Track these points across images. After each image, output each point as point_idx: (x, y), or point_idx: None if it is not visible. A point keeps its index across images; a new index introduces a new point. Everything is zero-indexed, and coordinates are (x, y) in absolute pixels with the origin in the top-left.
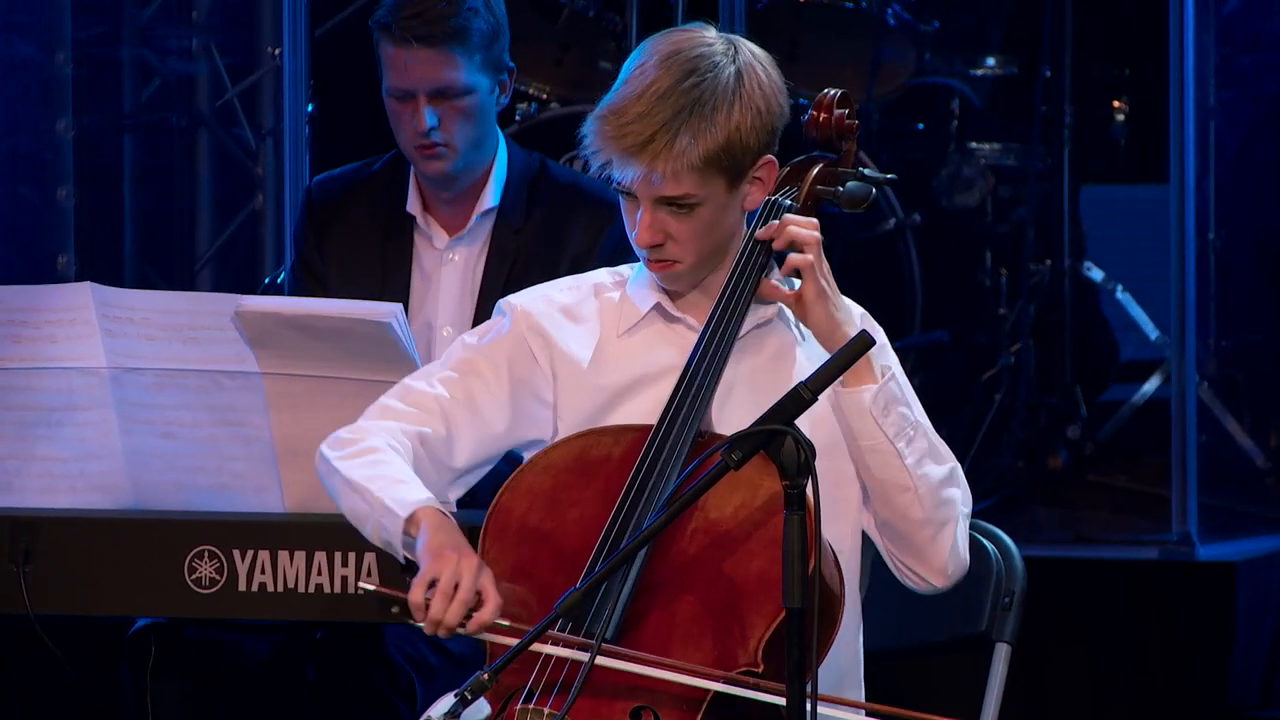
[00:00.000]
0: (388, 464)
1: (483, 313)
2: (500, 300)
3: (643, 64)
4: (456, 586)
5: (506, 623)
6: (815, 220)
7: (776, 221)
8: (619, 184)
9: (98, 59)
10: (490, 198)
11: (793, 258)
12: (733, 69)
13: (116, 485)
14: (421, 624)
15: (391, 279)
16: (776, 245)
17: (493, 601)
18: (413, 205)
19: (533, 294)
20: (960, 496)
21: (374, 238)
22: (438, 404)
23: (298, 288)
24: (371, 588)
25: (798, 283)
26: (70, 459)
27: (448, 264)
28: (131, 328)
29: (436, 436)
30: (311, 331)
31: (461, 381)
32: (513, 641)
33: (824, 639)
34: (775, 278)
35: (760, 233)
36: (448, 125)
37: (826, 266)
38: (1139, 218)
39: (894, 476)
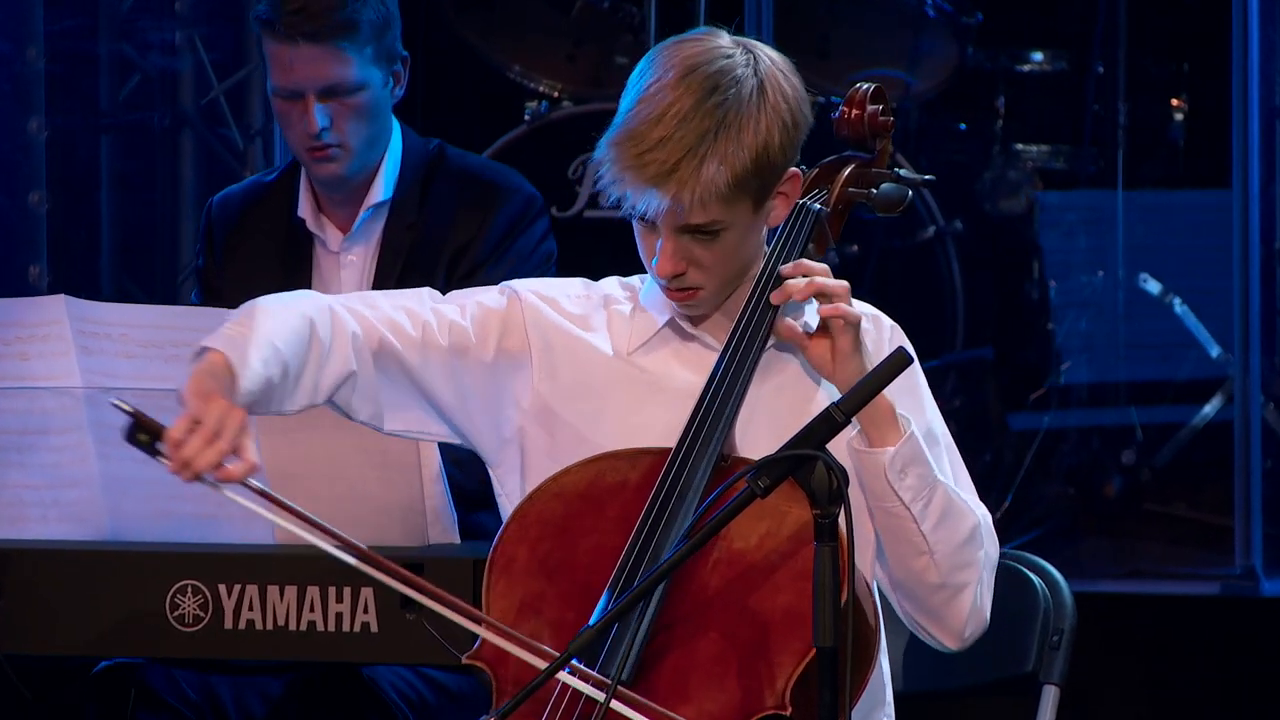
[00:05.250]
0: (272, 315)
1: None
2: (505, 283)
3: (658, 81)
4: (219, 434)
5: (257, 485)
6: (826, 267)
7: (793, 281)
8: (641, 215)
9: (73, 54)
10: (379, 191)
11: (828, 309)
12: (755, 81)
13: (93, 515)
14: (168, 460)
15: (292, 290)
16: (798, 298)
17: (249, 460)
18: (303, 209)
19: (542, 294)
20: (983, 556)
21: (273, 249)
22: (423, 328)
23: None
24: (126, 407)
25: (813, 323)
26: (43, 486)
27: (346, 266)
28: (109, 344)
29: (402, 354)
30: None
31: (454, 323)
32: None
33: (858, 680)
34: (793, 318)
35: (776, 295)
36: (340, 124)
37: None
38: (1199, 225)
39: (909, 539)
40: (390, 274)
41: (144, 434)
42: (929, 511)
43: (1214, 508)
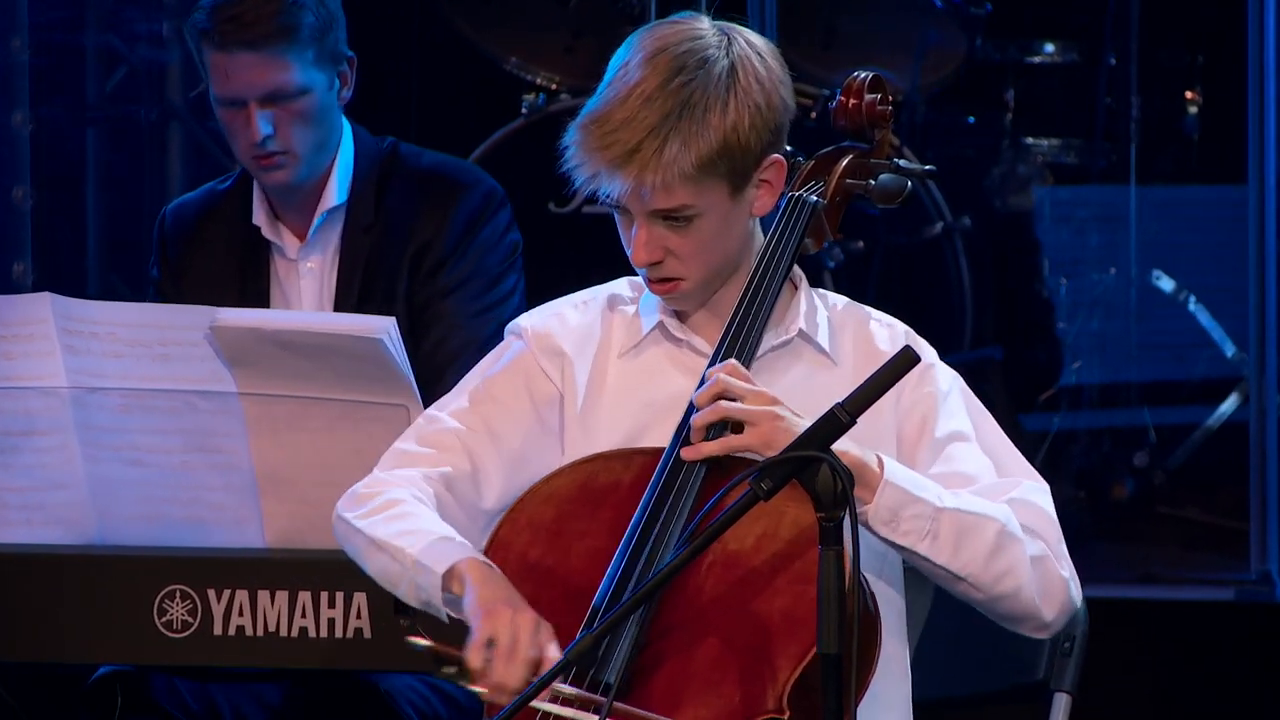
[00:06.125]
0: (415, 516)
1: None
2: (509, 325)
3: (626, 63)
4: (515, 646)
5: (569, 690)
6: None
7: (692, 450)
8: (608, 199)
9: (58, 46)
10: (333, 195)
11: (698, 419)
12: (725, 62)
13: (79, 518)
14: (481, 690)
15: (248, 302)
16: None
17: (552, 661)
18: (258, 217)
19: (545, 313)
20: (1024, 551)
21: (229, 260)
22: (456, 438)
23: None
24: (425, 643)
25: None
26: (28, 489)
27: (305, 274)
28: (95, 343)
29: (460, 474)
30: (295, 349)
31: (477, 409)
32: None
33: (859, 683)
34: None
35: (687, 452)
36: (284, 131)
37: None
38: (1213, 221)
39: (934, 573)
40: (352, 280)
41: (450, 667)
42: (939, 545)
43: (1229, 511)
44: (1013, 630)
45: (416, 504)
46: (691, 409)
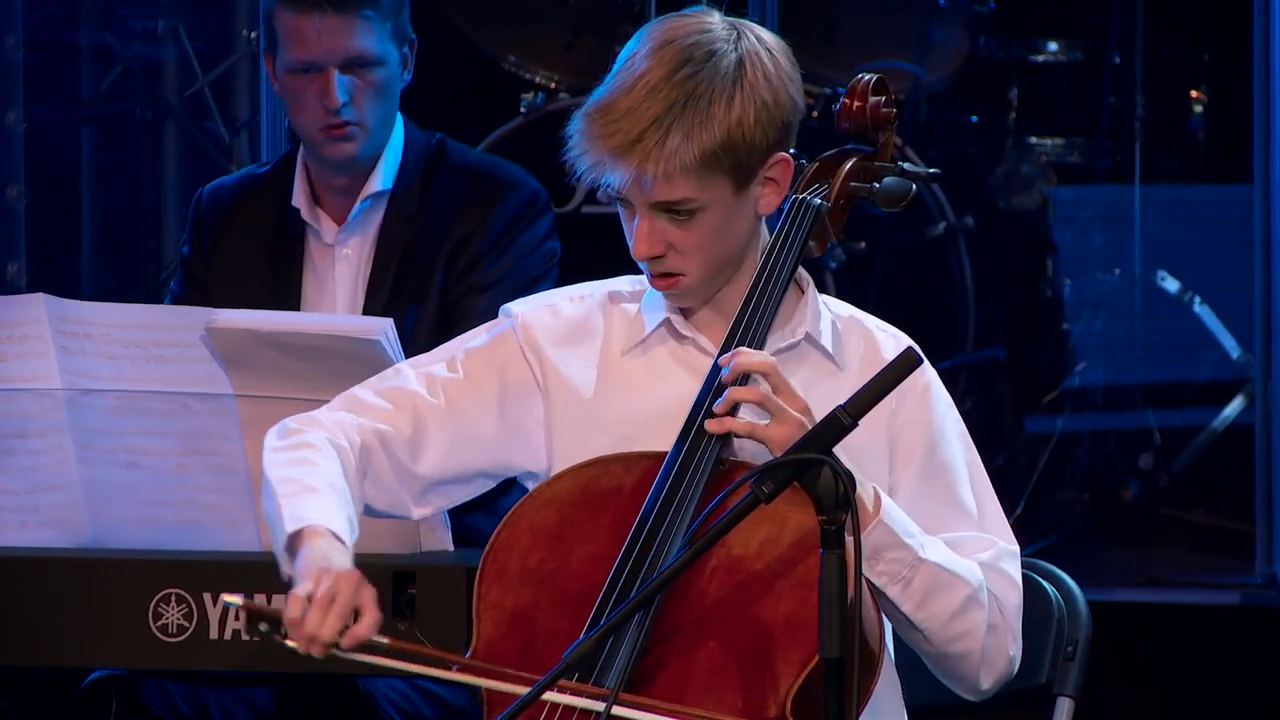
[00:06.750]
0: (313, 465)
1: (368, 313)
2: (501, 306)
3: (634, 53)
4: (334, 600)
5: (386, 640)
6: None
7: (716, 423)
8: (610, 189)
9: (53, 43)
10: (379, 181)
11: (738, 392)
12: (734, 56)
13: (73, 520)
14: (294, 643)
15: (281, 285)
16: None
17: (371, 615)
18: (298, 199)
19: (537, 303)
20: (985, 620)
21: (262, 244)
22: (411, 401)
23: (182, 298)
24: (238, 602)
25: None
26: (21, 491)
27: (341, 260)
28: (90, 344)
29: (401, 436)
30: (291, 350)
31: (446, 381)
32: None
33: (863, 689)
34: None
35: (712, 425)
36: (359, 101)
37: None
38: (1219, 221)
39: (894, 615)
40: (387, 268)
41: (264, 623)
42: (909, 593)
43: (1234, 514)
44: (945, 683)
45: (327, 453)
46: (697, 406)
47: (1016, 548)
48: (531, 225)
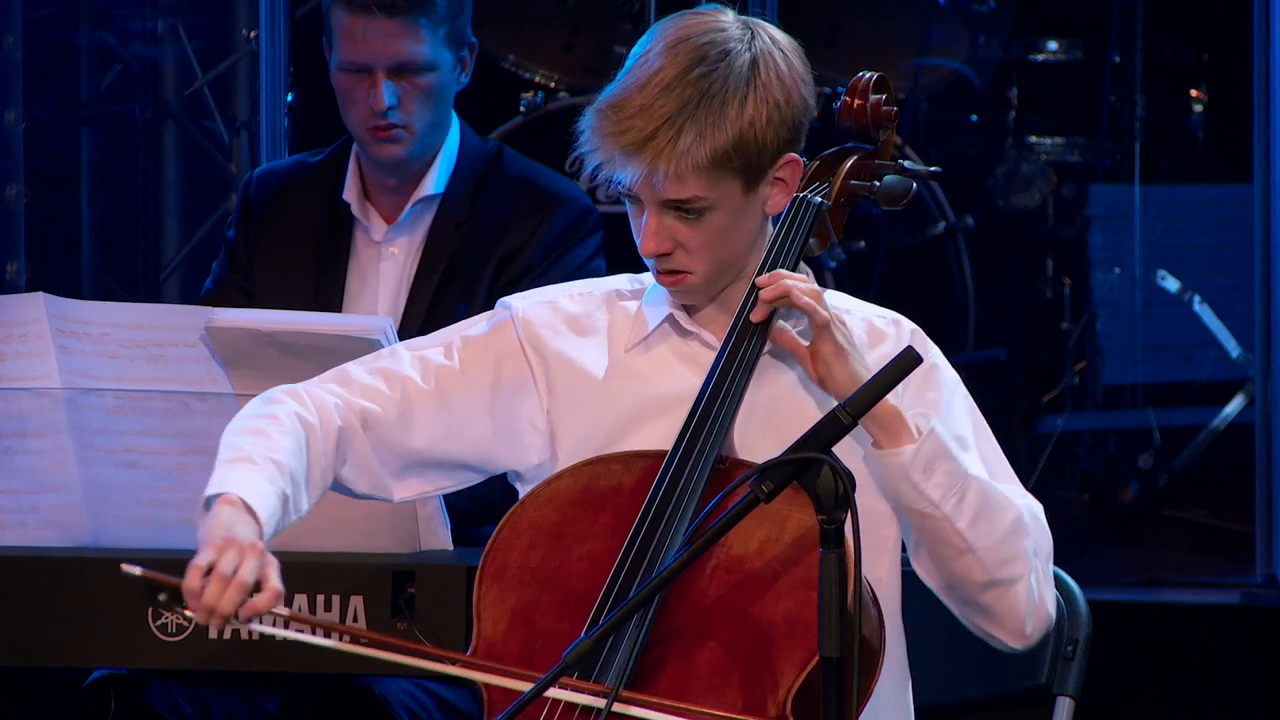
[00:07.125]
0: (263, 438)
1: (410, 315)
2: (501, 298)
3: (648, 51)
4: (235, 571)
5: (286, 612)
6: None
7: (765, 290)
8: (620, 186)
9: (52, 43)
10: (431, 184)
11: (792, 280)
12: (747, 56)
13: (73, 520)
14: (193, 613)
15: (325, 278)
16: (780, 305)
17: (272, 589)
18: (349, 193)
19: (537, 298)
20: (1032, 546)
21: (309, 233)
22: (402, 386)
23: (224, 280)
24: (136, 572)
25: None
26: (21, 491)
27: (387, 258)
28: (89, 344)
29: (386, 418)
30: (291, 349)
31: (440, 368)
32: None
33: (863, 688)
34: (791, 327)
35: (756, 313)
36: (407, 104)
37: (843, 320)
38: (1219, 221)
39: (947, 540)
40: (433, 271)
41: (163, 594)
42: (963, 508)
43: (1234, 513)
44: (984, 637)
45: (288, 426)
46: (698, 404)
47: (1039, 504)
48: (582, 242)
